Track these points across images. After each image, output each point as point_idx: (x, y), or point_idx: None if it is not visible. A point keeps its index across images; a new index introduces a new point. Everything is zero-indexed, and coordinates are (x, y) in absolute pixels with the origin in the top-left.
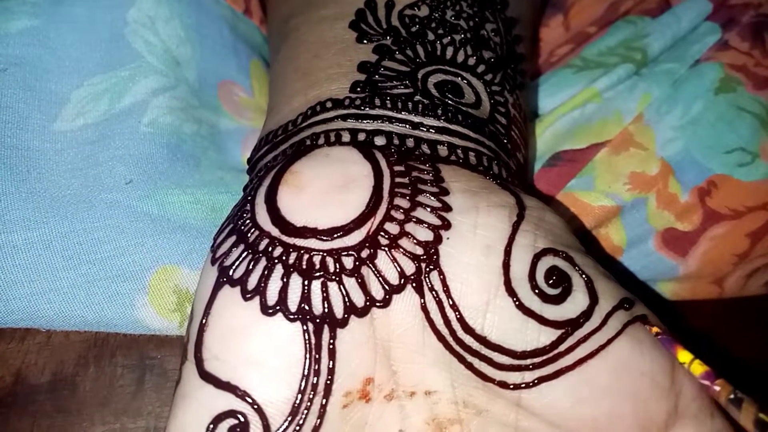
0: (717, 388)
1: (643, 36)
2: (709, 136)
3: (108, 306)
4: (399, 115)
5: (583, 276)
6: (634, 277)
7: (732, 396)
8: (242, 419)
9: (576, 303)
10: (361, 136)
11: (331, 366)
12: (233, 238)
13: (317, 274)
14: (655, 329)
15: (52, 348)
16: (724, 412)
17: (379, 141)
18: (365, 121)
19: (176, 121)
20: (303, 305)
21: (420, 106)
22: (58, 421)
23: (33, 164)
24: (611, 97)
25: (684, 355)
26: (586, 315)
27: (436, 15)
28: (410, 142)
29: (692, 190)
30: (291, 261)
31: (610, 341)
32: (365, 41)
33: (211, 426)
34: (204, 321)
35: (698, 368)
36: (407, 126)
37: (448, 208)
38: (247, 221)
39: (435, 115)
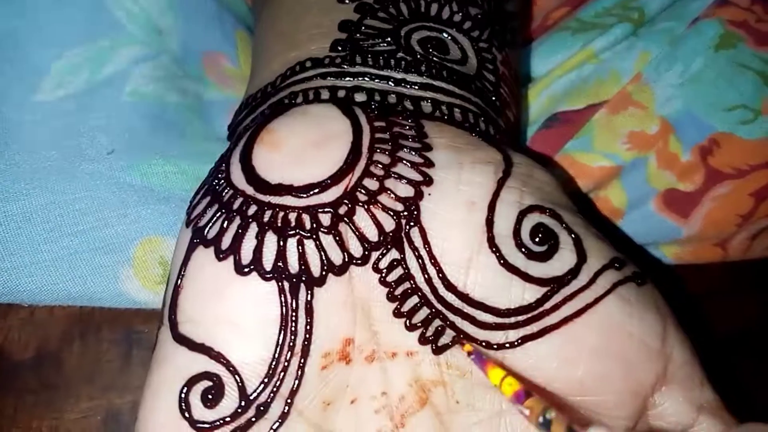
0: (526, 410)
1: None
2: (710, 94)
3: (92, 279)
4: (380, 72)
5: (572, 234)
6: (633, 242)
7: (541, 419)
8: (216, 381)
9: (563, 261)
10: (341, 93)
11: (308, 326)
12: (208, 199)
13: (292, 231)
14: (467, 347)
15: (35, 324)
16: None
17: (360, 97)
18: (345, 79)
19: (159, 90)
20: (278, 263)
21: (403, 62)
22: (42, 398)
23: (12, 136)
24: (608, 57)
25: (495, 375)
26: (574, 273)
27: None
28: (392, 99)
29: (693, 149)
30: (266, 219)
31: (597, 300)
32: (347, 1)
33: (185, 389)
34: (179, 283)
35: (509, 388)
36: (389, 82)
37: (430, 163)
38: (222, 181)
39: (418, 71)
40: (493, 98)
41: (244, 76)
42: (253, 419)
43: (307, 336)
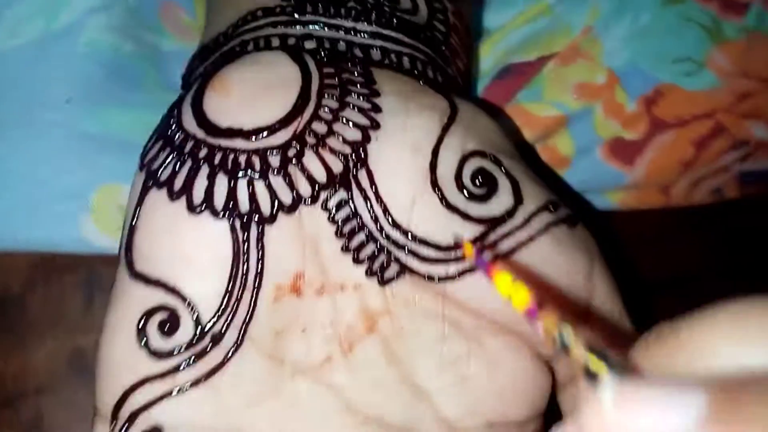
0: (540, 330)
1: None
2: (657, 46)
3: (52, 226)
4: (331, 21)
5: (510, 178)
6: (573, 189)
7: (558, 341)
8: (173, 313)
9: (500, 203)
10: (291, 41)
11: (260, 261)
12: (160, 143)
13: (243, 172)
14: (469, 248)
15: None
16: None
17: (309, 45)
18: (296, 27)
19: (115, 40)
20: (229, 203)
21: (353, 11)
22: (9, 339)
23: None
24: (561, 11)
25: (502, 283)
26: (510, 214)
27: None
28: (342, 46)
29: (639, 99)
30: (216, 161)
31: (531, 239)
32: None
33: (142, 320)
34: (134, 224)
35: (519, 302)
36: (339, 31)
37: (377, 109)
38: (174, 125)
39: (368, 20)
40: (443, 47)
41: (201, 27)
42: (208, 348)
43: (259, 270)
